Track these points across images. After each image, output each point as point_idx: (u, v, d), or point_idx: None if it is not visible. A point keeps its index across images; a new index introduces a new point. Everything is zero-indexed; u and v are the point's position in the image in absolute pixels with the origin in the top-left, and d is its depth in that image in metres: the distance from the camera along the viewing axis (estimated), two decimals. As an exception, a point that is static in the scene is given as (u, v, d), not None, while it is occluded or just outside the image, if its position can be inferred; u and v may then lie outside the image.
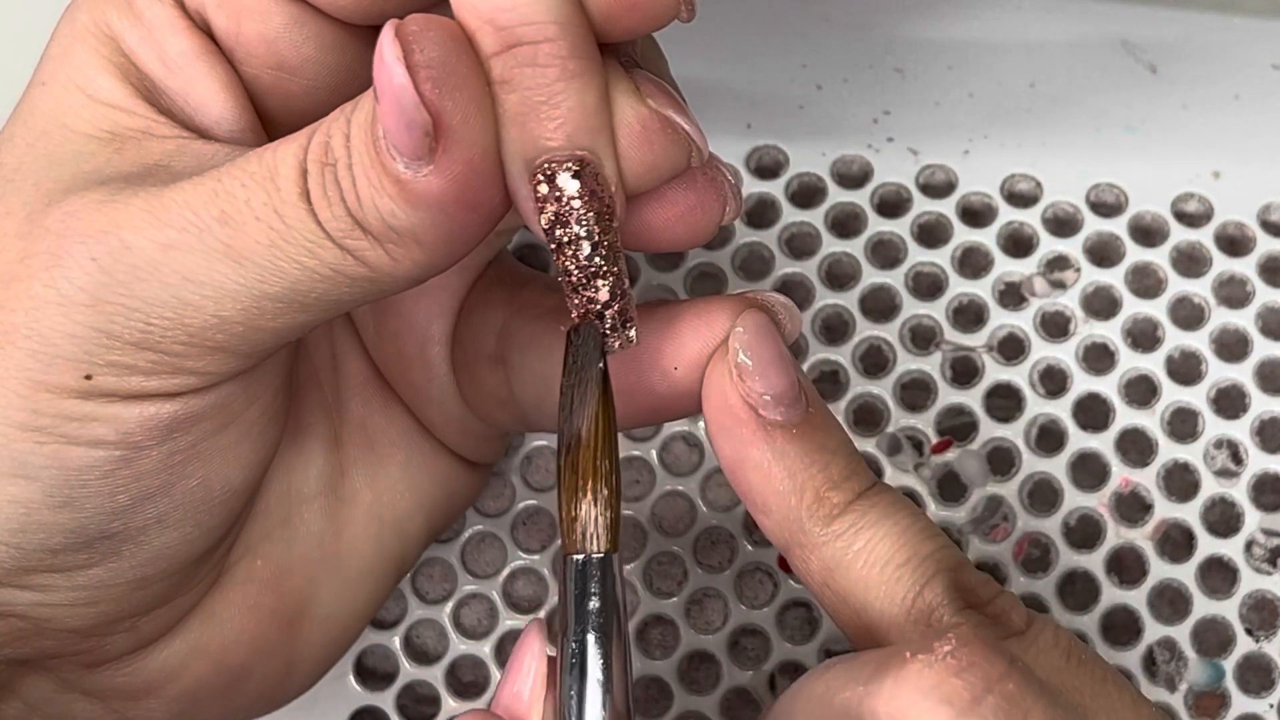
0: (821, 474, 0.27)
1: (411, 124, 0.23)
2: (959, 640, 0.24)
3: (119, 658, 0.29)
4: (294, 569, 0.31)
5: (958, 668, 0.23)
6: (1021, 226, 0.40)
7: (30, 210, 0.26)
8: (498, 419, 0.32)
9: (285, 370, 0.29)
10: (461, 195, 0.24)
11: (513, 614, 0.38)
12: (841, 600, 0.27)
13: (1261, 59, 0.41)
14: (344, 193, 0.24)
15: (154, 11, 0.27)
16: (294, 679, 0.32)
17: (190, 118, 0.27)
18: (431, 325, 0.32)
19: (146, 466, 0.26)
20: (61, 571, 0.27)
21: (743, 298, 0.28)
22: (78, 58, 0.27)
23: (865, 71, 0.42)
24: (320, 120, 0.25)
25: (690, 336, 0.28)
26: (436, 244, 0.25)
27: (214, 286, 0.25)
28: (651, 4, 0.25)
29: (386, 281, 0.25)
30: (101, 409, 0.25)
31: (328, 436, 0.32)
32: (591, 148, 0.25)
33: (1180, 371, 0.38)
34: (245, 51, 0.27)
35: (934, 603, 0.26)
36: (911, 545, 0.27)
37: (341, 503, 0.32)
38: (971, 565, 0.27)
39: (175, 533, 0.27)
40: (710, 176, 0.27)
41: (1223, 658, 0.36)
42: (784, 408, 0.27)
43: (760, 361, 0.27)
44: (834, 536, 0.27)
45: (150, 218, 0.25)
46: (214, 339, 0.25)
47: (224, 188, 0.25)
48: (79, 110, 0.27)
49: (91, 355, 0.25)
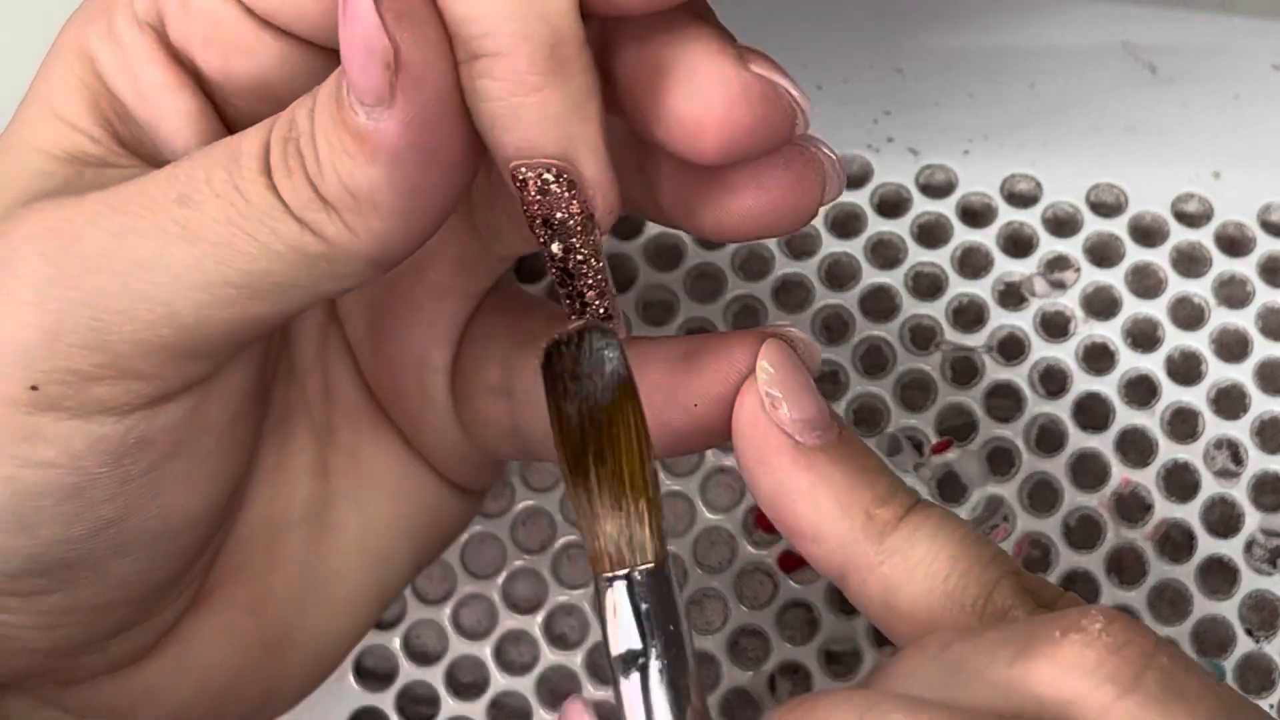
0: (869, 492, 0.27)
1: (373, 53, 0.23)
2: (1106, 618, 0.23)
3: (94, 678, 0.29)
4: (276, 596, 0.31)
5: (1115, 644, 0.23)
6: (1021, 227, 0.40)
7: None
8: (499, 449, 0.32)
9: (240, 400, 0.28)
10: (419, 142, 0.23)
11: (513, 614, 0.38)
12: (907, 618, 0.27)
13: (1261, 59, 0.41)
14: (304, 160, 0.24)
15: (132, 38, 0.27)
16: (276, 703, 0.32)
17: (157, 150, 0.27)
18: (431, 352, 0.31)
19: (100, 495, 0.26)
20: (20, 596, 0.26)
21: (761, 332, 0.28)
22: (54, 75, 0.27)
23: (865, 71, 0.42)
24: None
25: (710, 372, 0.28)
26: (394, 209, 0.24)
27: (166, 270, 0.24)
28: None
29: (344, 261, 0.25)
30: (49, 425, 0.25)
31: (315, 464, 0.31)
32: (559, 154, 0.24)
33: (1180, 372, 0.38)
34: (237, 87, 0.27)
35: (1005, 604, 0.26)
36: (972, 553, 0.26)
37: (326, 531, 0.32)
38: (1024, 570, 0.27)
39: (136, 562, 0.27)
40: (807, 155, 0.26)
41: (1223, 658, 0.36)
42: (819, 431, 0.27)
43: (791, 389, 0.27)
44: (890, 553, 0.26)
45: (105, 208, 0.25)
46: (161, 334, 0.25)
47: (184, 170, 0.25)
48: (46, 130, 0.27)
49: (36, 361, 0.24)
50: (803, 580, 0.37)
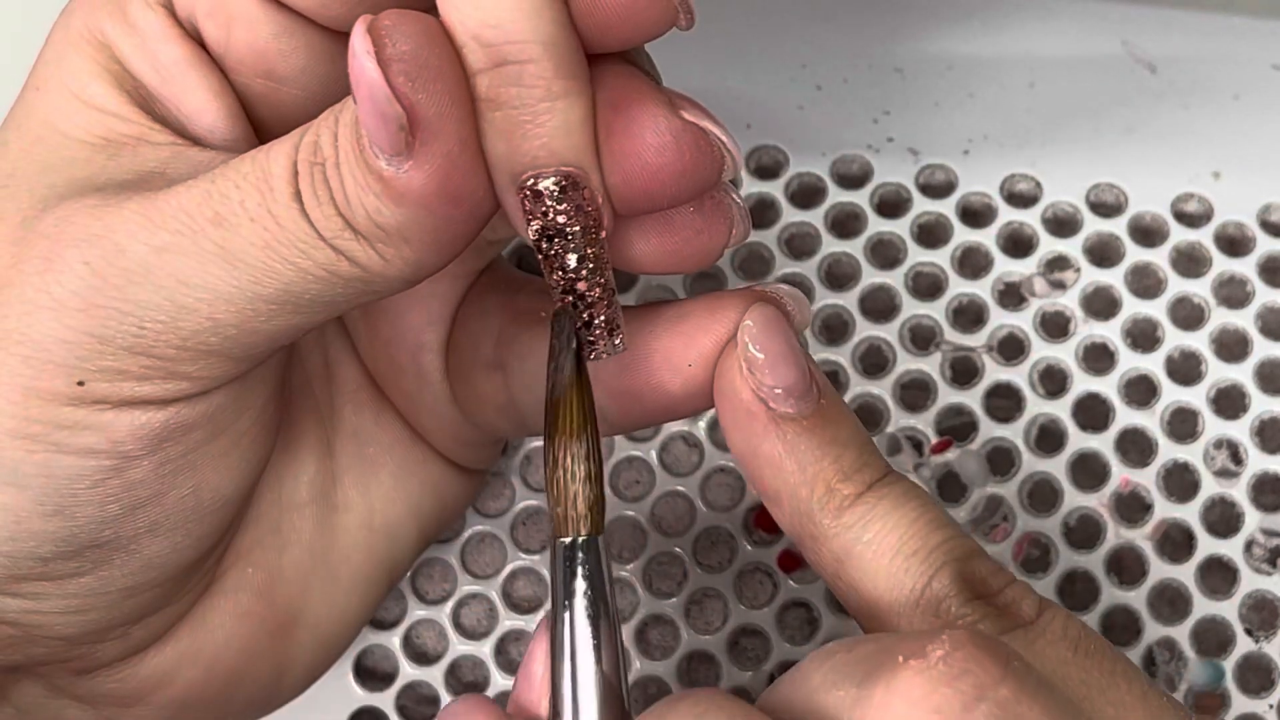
0: (833, 466, 0.27)
1: (385, 118, 0.23)
2: (953, 643, 0.23)
3: (110, 664, 0.29)
4: (285, 576, 0.31)
5: (950, 675, 0.23)
6: (1021, 226, 0.40)
7: (24, 216, 0.26)
8: (495, 425, 0.32)
9: (276, 379, 0.29)
10: (443, 189, 0.24)
11: (512, 614, 0.38)
12: (853, 590, 0.27)
13: (1261, 59, 0.41)
14: (333, 192, 0.24)
15: (146, 19, 0.27)
16: (285, 685, 0.32)
17: (183, 126, 0.27)
18: (425, 332, 0.32)
19: (137, 476, 0.26)
20: (52, 580, 0.27)
21: (751, 291, 0.28)
22: (72, 64, 0.27)
23: (865, 71, 0.42)
24: (312, 121, 0.25)
25: (701, 332, 0.28)
26: (424, 242, 0.24)
27: (208, 289, 0.25)
28: (648, 13, 0.24)
29: (379, 282, 0.25)
30: (93, 417, 0.25)
31: (320, 444, 0.32)
32: (577, 162, 0.25)
33: (1180, 371, 0.38)
34: (235, 60, 0.27)
35: (942, 593, 0.26)
36: (921, 536, 0.27)
37: (333, 510, 0.32)
38: (984, 555, 0.27)
39: (166, 541, 0.27)
40: (717, 200, 0.27)
41: (1222, 658, 0.36)
42: (795, 400, 0.27)
43: (770, 355, 0.27)
44: (844, 529, 0.27)
45: (144, 221, 0.25)
46: (207, 342, 0.25)
47: (218, 190, 0.25)
48: (74, 116, 0.27)
49: (84, 361, 0.25)
50: (803, 580, 0.37)
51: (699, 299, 0.29)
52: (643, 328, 0.28)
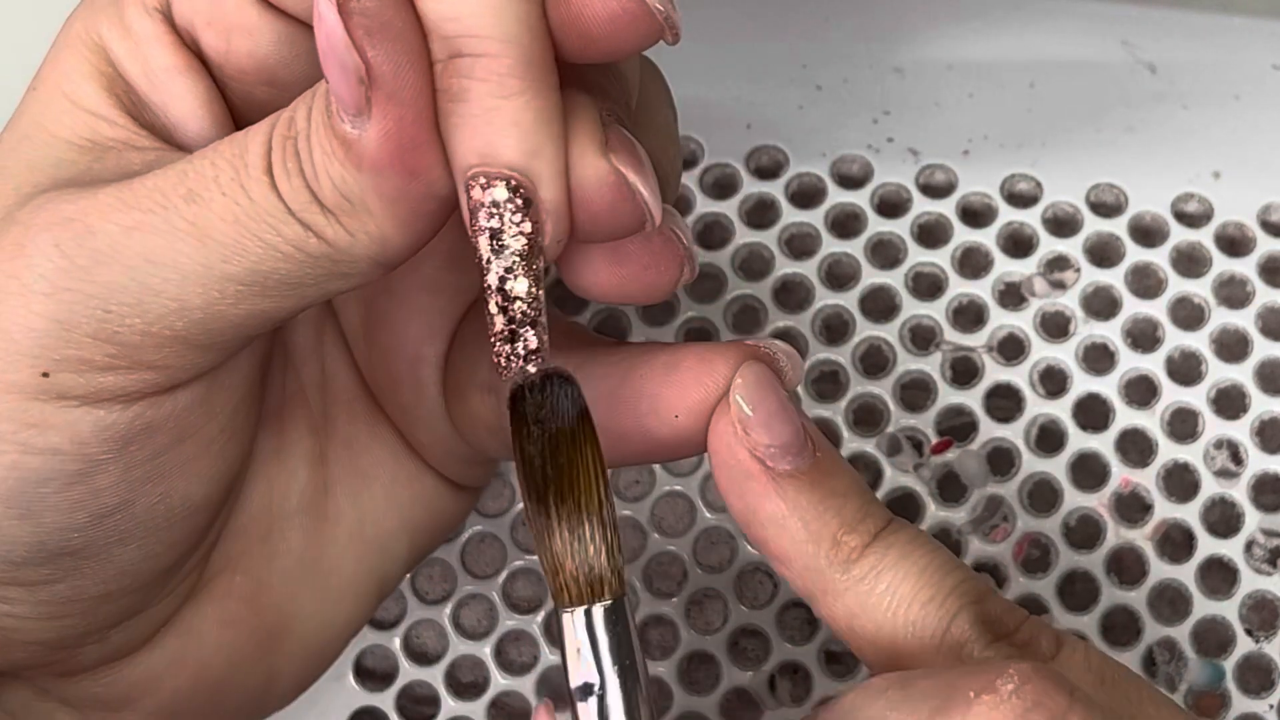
0: (836, 518, 0.27)
1: (345, 69, 0.23)
2: (1021, 678, 0.24)
3: (93, 669, 0.29)
4: (273, 585, 0.31)
5: (1024, 708, 0.23)
6: (1021, 227, 0.40)
7: (6, 211, 0.26)
8: (486, 446, 0.32)
9: (245, 387, 0.29)
10: (399, 155, 0.24)
11: (512, 614, 0.38)
12: (870, 643, 0.27)
13: (1261, 59, 0.41)
14: (301, 164, 0.24)
15: (142, 25, 0.27)
16: (273, 694, 0.32)
17: (170, 133, 0.27)
18: (424, 346, 0.32)
19: (104, 482, 0.26)
20: (24, 586, 0.26)
21: (744, 346, 0.28)
22: (66, 64, 0.27)
23: (865, 71, 0.42)
24: None
25: (693, 384, 0.28)
26: (385, 215, 0.24)
27: (175, 267, 0.24)
28: (632, 29, 0.24)
29: (346, 261, 0.25)
30: (59, 414, 0.25)
31: (313, 453, 0.32)
32: (525, 168, 0.24)
33: (1180, 372, 0.38)
34: (236, 68, 0.27)
35: (962, 637, 0.26)
36: (934, 582, 0.27)
37: (324, 521, 0.32)
38: (996, 594, 0.27)
39: (138, 549, 0.27)
40: (666, 237, 0.27)
41: (1223, 658, 0.36)
42: (792, 456, 0.27)
43: (763, 413, 0.27)
44: (855, 581, 0.27)
45: (117, 203, 0.25)
46: (173, 326, 0.25)
47: (194, 168, 0.25)
48: (63, 117, 0.27)
49: (48, 349, 0.25)
50: (803, 580, 0.37)
51: (691, 348, 0.28)
52: (633, 371, 0.28)
